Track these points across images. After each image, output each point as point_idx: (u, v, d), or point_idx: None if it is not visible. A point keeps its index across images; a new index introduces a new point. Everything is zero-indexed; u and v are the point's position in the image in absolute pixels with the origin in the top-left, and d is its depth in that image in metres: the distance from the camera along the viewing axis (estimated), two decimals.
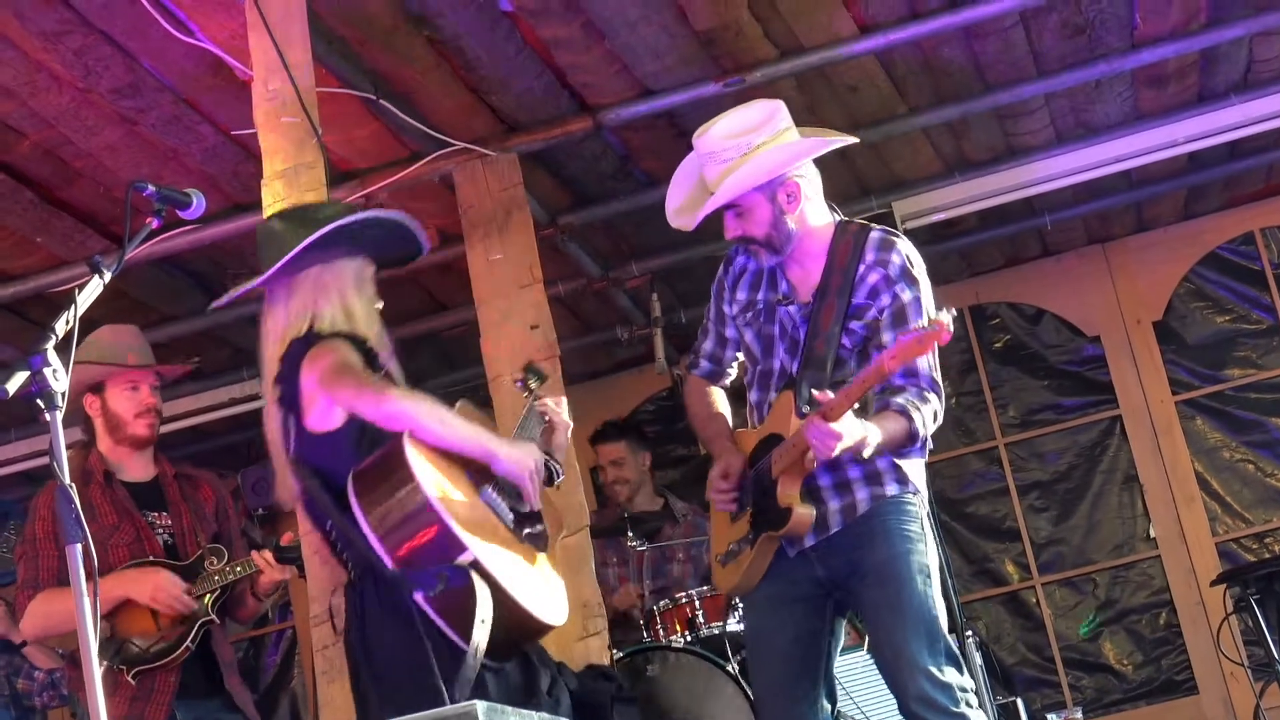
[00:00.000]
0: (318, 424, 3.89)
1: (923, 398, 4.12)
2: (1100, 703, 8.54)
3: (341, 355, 3.85)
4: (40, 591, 4.92)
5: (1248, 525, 8.58)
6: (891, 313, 4.17)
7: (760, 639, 4.38)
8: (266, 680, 9.42)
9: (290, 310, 4.01)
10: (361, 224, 4.06)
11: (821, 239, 4.27)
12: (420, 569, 3.63)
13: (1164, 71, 6.77)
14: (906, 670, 4.05)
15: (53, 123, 5.53)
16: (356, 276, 4.07)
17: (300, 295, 4.01)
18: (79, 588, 2.88)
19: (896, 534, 4.15)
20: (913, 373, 4.13)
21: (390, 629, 3.75)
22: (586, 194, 6.90)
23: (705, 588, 6.51)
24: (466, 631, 3.63)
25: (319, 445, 3.89)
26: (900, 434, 4.07)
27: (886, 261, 4.19)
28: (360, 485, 3.73)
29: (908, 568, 4.12)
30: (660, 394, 9.22)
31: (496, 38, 5.46)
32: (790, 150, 4.23)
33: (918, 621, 4.07)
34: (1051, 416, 8.90)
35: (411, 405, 3.75)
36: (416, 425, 3.73)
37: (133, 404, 5.11)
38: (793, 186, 4.22)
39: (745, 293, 4.45)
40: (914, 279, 4.19)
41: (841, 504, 4.20)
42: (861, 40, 5.89)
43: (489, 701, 3.53)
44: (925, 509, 4.25)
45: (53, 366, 2.98)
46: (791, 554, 4.25)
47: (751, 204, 4.23)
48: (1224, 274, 8.83)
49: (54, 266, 6.46)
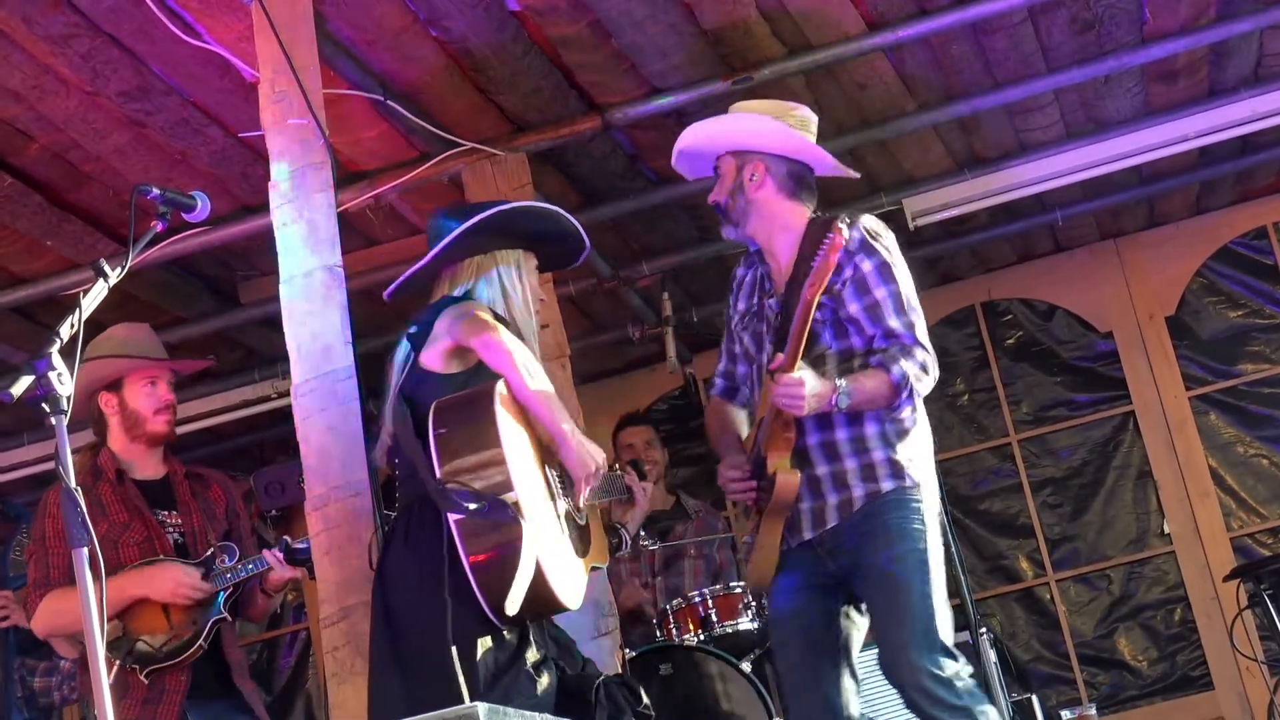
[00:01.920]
0: (431, 362, 4.03)
1: (906, 352, 4.17)
2: (1115, 699, 8.52)
3: (479, 308, 4.02)
4: (51, 590, 4.92)
5: (1262, 520, 8.56)
6: (854, 283, 4.25)
7: (781, 624, 4.45)
8: (281, 682, 9.43)
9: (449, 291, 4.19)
10: (513, 214, 4.23)
11: (794, 233, 4.38)
12: (466, 490, 3.72)
13: (1174, 66, 6.75)
14: (906, 669, 4.11)
15: (61, 126, 5.53)
16: (516, 267, 4.22)
17: (461, 279, 4.18)
18: (85, 593, 2.88)
19: (895, 533, 4.18)
20: (891, 331, 4.21)
21: (411, 555, 3.87)
22: (596, 193, 6.90)
23: (718, 586, 6.51)
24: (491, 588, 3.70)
25: (424, 380, 4.02)
26: (880, 385, 4.14)
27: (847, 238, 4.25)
28: (441, 410, 3.86)
29: (905, 569, 4.15)
30: (672, 393, 9.23)
31: (504, 38, 5.45)
32: (762, 127, 4.42)
33: (914, 623, 4.11)
34: (1064, 413, 8.88)
35: (513, 348, 3.86)
36: (512, 370, 3.84)
37: (152, 400, 5.12)
38: (759, 169, 4.41)
39: (744, 302, 4.57)
40: (874, 249, 4.26)
41: (839, 498, 4.25)
42: (870, 37, 5.88)
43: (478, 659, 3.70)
44: (929, 501, 4.27)
45: (57, 370, 2.98)
46: (794, 544, 4.31)
47: (725, 169, 4.49)
48: (1237, 269, 8.80)
49: (64, 270, 6.46)
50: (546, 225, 4.32)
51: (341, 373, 4.48)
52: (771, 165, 4.40)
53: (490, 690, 3.68)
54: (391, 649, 3.88)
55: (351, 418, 4.45)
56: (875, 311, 4.22)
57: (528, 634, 3.91)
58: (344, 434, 4.42)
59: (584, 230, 4.41)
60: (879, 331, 4.21)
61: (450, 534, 3.74)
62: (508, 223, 4.21)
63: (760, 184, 4.40)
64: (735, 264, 4.72)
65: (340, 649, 4.29)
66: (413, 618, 3.84)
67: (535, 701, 3.74)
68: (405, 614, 3.87)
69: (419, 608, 3.81)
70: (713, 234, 7.60)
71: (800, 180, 4.44)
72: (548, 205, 4.40)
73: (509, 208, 4.24)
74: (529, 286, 4.24)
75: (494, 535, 3.71)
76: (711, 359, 8.95)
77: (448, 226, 4.15)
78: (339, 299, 4.58)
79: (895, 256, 4.29)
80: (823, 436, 4.26)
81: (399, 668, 3.85)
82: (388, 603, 3.92)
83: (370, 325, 6.52)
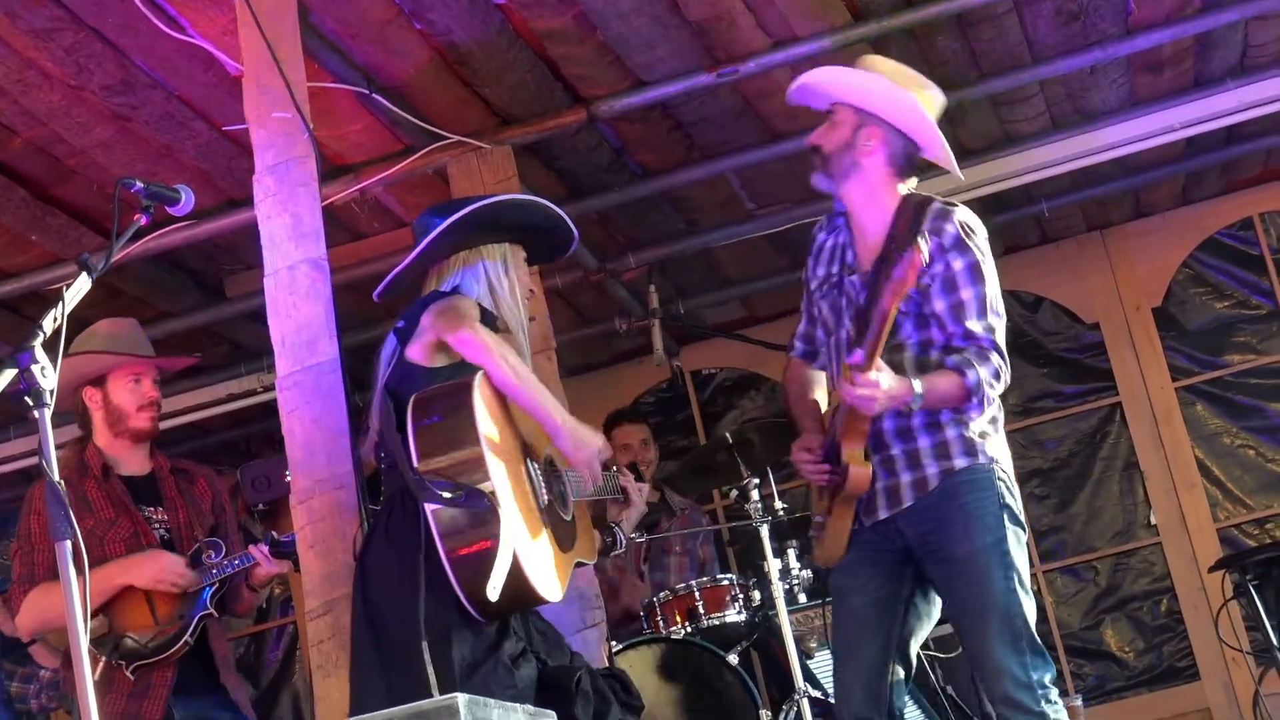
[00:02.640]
0: (416, 355, 4.05)
1: (982, 356, 4.15)
2: (1102, 690, 8.54)
3: (464, 304, 4.03)
4: (36, 586, 4.91)
5: (1249, 511, 8.57)
6: (942, 280, 4.21)
7: (840, 598, 4.46)
8: (268, 676, 9.42)
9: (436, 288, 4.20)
10: (496, 208, 4.24)
11: (887, 211, 4.33)
12: (442, 480, 3.73)
13: (1159, 57, 6.75)
14: (991, 673, 4.11)
15: (45, 120, 5.52)
16: (502, 261, 4.23)
17: (449, 275, 4.20)
18: (69, 585, 2.88)
19: (975, 521, 4.16)
20: (971, 333, 4.19)
21: (390, 548, 3.88)
22: (581, 186, 6.89)
23: (705, 578, 6.51)
24: (469, 582, 3.72)
25: (409, 373, 4.03)
26: (953, 388, 4.12)
27: (941, 230, 4.23)
28: (420, 402, 3.88)
29: (988, 562, 4.13)
30: (659, 385, 9.23)
31: (489, 30, 5.45)
32: (898, 98, 4.32)
33: (1001, 622, 4.10)
34: (1051, 404, 8.89)
35: (492, 343, 3.87)
36: (491, 362, 3.86)
37: (135, 397, 5.11)
38: (875, 135, 4.33)
39: (824, 268, 4.50)
40: (967, 247, 4.22)
41: (913, 477, 4.24)
42: (855, 28, 5.87)
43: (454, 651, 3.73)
44: (1005, 478, 4.24)
45: (40, 364, 2.97)
46: (867, 524, 4.30)
47: (842, 119, 4.38)
48: (1223, 259, 8.80)
49: (48, 264, 6.45)
50: (532, 216, 4.32)
51: (326, 366, 4.47)
52: (889, 138, 4.33)
53: (467, 682, 3.68)
54: (372, 642, 3.89)
55: (336, 411, 4.45)
56: (959, 311, 4.19)
57: (507, 626, 3.91)
58: (329, 427, 4.41)
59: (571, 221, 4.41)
60: (959, 331, 4.19)
61: (428, 526, 3.74)
62: (491, 217, 4.21)
63: (872, 151, 4.33)
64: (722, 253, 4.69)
65: (325, 642, 4.29)
66: (391, 611, 3.84)
67: (514, 693, 3.74)
68: (383, 607, 3.88)
69: (397, 600, 3.81)
70: (699, 226, 7.63)
71: (910, 160, 4.39)
72: (532, 197, 4.41)
73: (491, 201, 4.24)
74: (517, 279, 4.24)
75: (470, 525, 3.73)
76: (697, 352, 9.09)
77: (432, 224, 4.16)
78: (324, 292, 4.57)
79: (986, 256, 4.27)
80: (898, 422, 4.25)
81: (379, 661, 3.85)
82: (367, 595, 3.93)
83: (355, 319, 6.53)
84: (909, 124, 4.34)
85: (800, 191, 7.38)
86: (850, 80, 4.39)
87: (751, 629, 6.39)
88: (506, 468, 3.84)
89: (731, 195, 7.37)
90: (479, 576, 3.70)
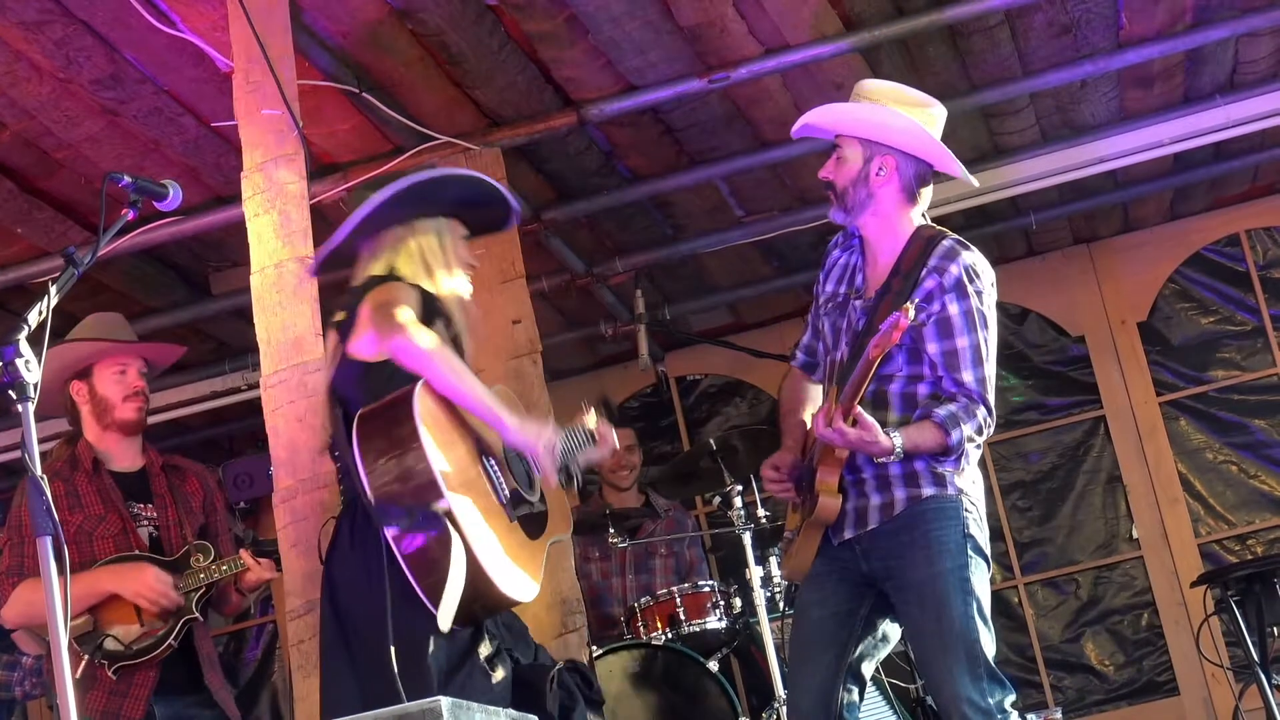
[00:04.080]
0: (357, 350, 3.97)
1: (969, 412, 4.14)
2: (1081, 703, 8.54)
3: (397, 295, 3.92)
4: (25, 579, 4.89)
5: (1230, 527, 8.58)
6: (937, 321, 4.19)
7: (800, 609, 4.47)
8: (247, 675, 9.41)
9: (369, 268, 4.11)
10: (429, 183, 4.15)
11: (900, 239, 4.32)
12: (395, 505, 3.69)
13: (1150, 72, 6.76)
14: (949, 700, 4.10)
15: (33, 113, 5.50)
16: (438, 235, 4.15)
17: (382, 254, 4.11)
18: (49, 582, 2.86)
19: (937, 547, 4.15)
20: (962, 383, 4.17)
21: (357, 558, 3.84)
22: (570, 189, 6.88)
23: (687, 584, 6.51)
24: (433, 589, 3.69)
25: (351, 371, 3.97)
26: (932, 444, 4.12)
27: (944, 270, 4.20)
28: (364, 421, 3.81)
29: (947, 586, 4.12)
30: (644, 390, 9.23)
31: (480, 32, 5.44)
32: (907, 126, 4.30)
33: (958, 646, 4.09)
34: (1035, 416, 8.90)
35: (428, 348, 3.79)
36: (429, 368, 3.78)
37: (121, 387, 5.10)
38: (889, 164, 4.31)
39: (833, 285, 4.49)
40: (966, 293, 4.19)
41: (881, 500, 4.23)
42: (846, 38, 5.86)
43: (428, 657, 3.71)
44: (972, 510, 4.22)
45: (25, 357, 2.96)
46: (835, 542, 4.30)
47: (850, 154, 4.35)
48: (1209, 275, 8.82)
49: (34, 258, 6.43)
50: (467, 191, 4.23)
51: (312, 365, 4.45)
52: (902, 164, 4.32)
53: (445, 688, 3.65)
54: (345, 653, 3.86)
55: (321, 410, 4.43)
56: (952, 359, 4.17)
57: (480, 628, 3.89)
58: (313, 426, 4.39)
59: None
60: (950, 379, 4.17)
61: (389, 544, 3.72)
62: (425, 192, 4.13)
63: (887, 180, 4.31)
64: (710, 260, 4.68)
65: (306, 641, 4.28)
66: (361, 621, 3.81)
67: (491, 695, 3.72)
68: (353, 618, 3.84)
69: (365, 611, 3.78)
70: (687, 232, 7.63)
71: (922, 181, 4.37)
72: (467, 171, 4.34)
73: (423, 177, 4.15)
74: (454, 255, 4.17)
75: (428, 547, 3.69)
76: (683, 358, 9.09)
77: (368, 200, 4.10)
78: (310, 291, 4.55)
79: (987, 301, 4.24)
80: None
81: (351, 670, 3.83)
82: (337, 606, 3.89)
83: None
84: (919, 148, 4.33)
85: (788, 199, 7.39)
86: (856, 115, 4.37)
87: (732, 636, 6.40)
88: (459, 476, 3.79)
89: (720, 202, 7.36)
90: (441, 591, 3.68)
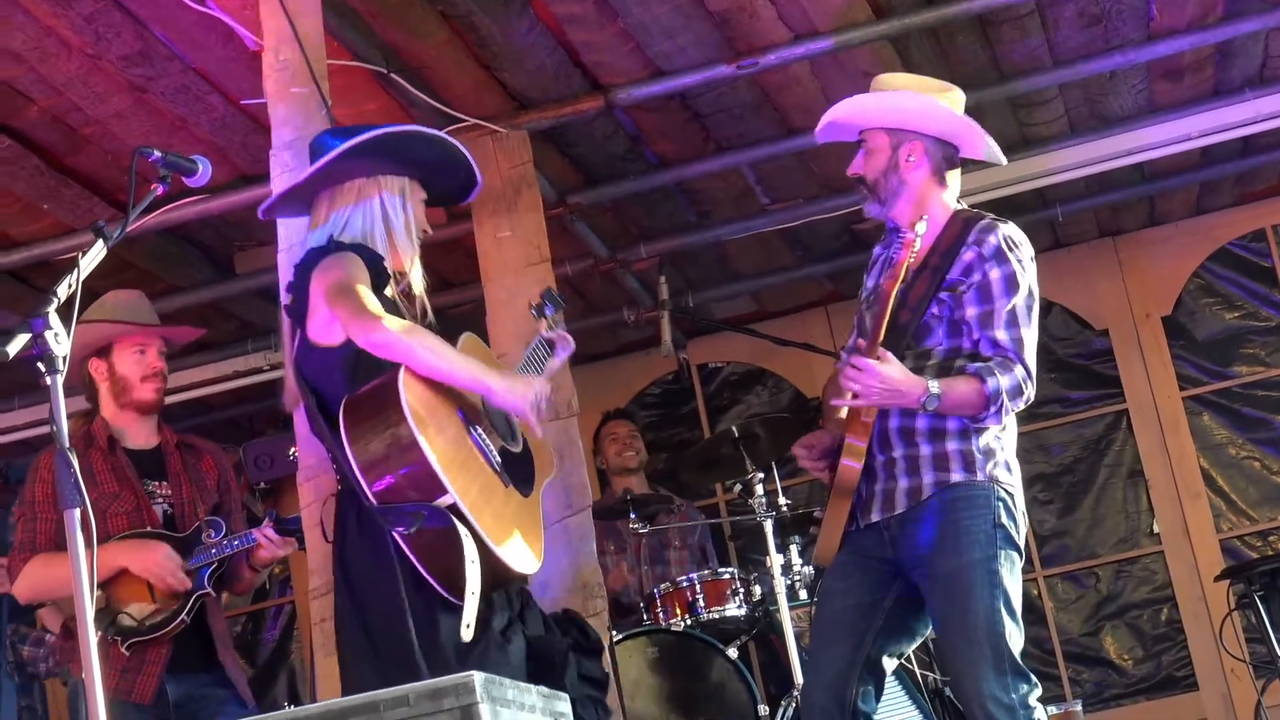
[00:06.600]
0: (318, 335, 3.91)
1: (1005, 366, 4.12)
2: (1100, 697, 8.53)
3: (350, 272, 3.85)
4: (37, 555, 4.89)
5: (1252, 522, 8.56)
6: (978, 288, 4.21)
7: (823, 596, 4.47)
8: (265, 655, 9.42)
9: (325, 218, 4.04)
10: (405, 138, 4.07)
11: (937, 224, 4.32)
12: (399, 506, 3.65)
13: (1179, 64, 6.73)
14: (972, 693, 4.07)
15: (61, 89, 5.50)
16: (400, 193, 4.08)
17: (339, 203, 4.03)
18: (76, 553, 2.86)
19: (966, 537, 4.12)
20: (997, 341, 4.17)
21: (366, 543, 3.80)
22: (596, 174, 6.87)
23: (706, 571, 6.51)
24: (442, 573, 3.68)
25: (317, 358, 3.91)
26: (971, 394, 4.09)
27: (983, 241, 4.23)
28: (351, 416, 3.74)
29: (974, 578, 4.09)
30: (665, 377, 9.21)
31: (509, 14, 5.43)
32: (930, 108, 4.31)
33: (983, 640, 4.06)
34: (1058, 409, 8.88)
35: (404, 336, 3.74)
36: (409, 357, 3.73)
37: (140, 367, 5.09)
38: (917, 149, 4.32)
39: (873, 280, 4.50)
40: (1006, 259, 4.21)
41: (909, 484, 4.21)
42: (877, 24, 5.85)
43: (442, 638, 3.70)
44: (1005, 499, 4.18)
45: (54, 330, 2.95)
46: (862, 524, 4.29)
47: (877, 145, 4.36)
48: (1234, 270, 8.80)
49: (60, 234, 6.42)
50: (436, 153, 4.15)
51: None
52: (930, 148, 4.32)
53: (463, 663, 3.65)
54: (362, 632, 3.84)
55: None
56: (988, 319, 4.17)
57: (491, 601, 3.86)
58: None
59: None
60: (985, 338, 4.17)
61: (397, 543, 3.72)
62: (394, 147, 4.05)
63: (917, 165, 4.31)
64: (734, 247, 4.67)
65: (328, 620, 4.26)
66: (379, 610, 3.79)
67: (509, 670, 3.70)
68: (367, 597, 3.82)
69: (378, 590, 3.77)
70: (712, 219, 7.62)
71: (951, 163, 4.37)
72: (440, 133, 4.24)
73: (397, 130, 4.07)
74: (414, 217, 4.10)
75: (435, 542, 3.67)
76: (705, 345, 9.08)
77: (330, 144, 4.02)
78: None
79: (1027, 270, 4.24)
80: (903, 421, 4.23)
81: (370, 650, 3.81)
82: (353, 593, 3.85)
83: None
84: (946, 130, 4.34)
85: (814, 188, 7.37)
86: (879, 104, 4.37)
87: (751, 623, 6.39)
88: (456, 457, 3.75)
89: (746, 189, 7.35)
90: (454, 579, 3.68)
